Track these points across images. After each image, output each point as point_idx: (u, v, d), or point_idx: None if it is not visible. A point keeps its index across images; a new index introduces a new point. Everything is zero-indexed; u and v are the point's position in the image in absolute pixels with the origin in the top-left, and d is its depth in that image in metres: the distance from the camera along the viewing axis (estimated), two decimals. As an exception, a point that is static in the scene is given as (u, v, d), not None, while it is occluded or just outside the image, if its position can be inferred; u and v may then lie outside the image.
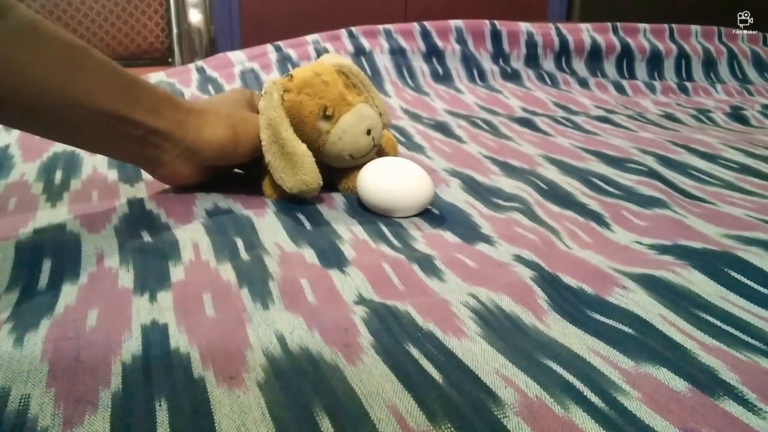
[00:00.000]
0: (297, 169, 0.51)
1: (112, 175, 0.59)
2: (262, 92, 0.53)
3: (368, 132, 0.53)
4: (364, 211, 0.52)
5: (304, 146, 0.52)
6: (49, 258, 0.41)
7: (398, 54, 1.07)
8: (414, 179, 0.51)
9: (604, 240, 0.48)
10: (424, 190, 0.51)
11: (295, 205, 0.53)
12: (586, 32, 1.20)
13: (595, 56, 1.19)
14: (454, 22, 1.13)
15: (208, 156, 0.52)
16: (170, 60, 1.56)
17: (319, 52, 1.04)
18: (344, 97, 0.53)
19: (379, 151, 0.59)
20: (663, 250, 0.44)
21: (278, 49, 1.04)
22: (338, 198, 0.55)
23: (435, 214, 0.53)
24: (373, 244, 0.46)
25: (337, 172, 0.57)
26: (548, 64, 1.16)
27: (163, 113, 0.48)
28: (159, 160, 0.51)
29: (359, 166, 0.55)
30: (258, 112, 0.54)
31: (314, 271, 0.41)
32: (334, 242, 0.46)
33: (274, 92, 0.52)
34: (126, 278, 0.39)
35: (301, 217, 0.51)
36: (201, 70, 0.98)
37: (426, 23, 1.12)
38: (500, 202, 0.55)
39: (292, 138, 0.51)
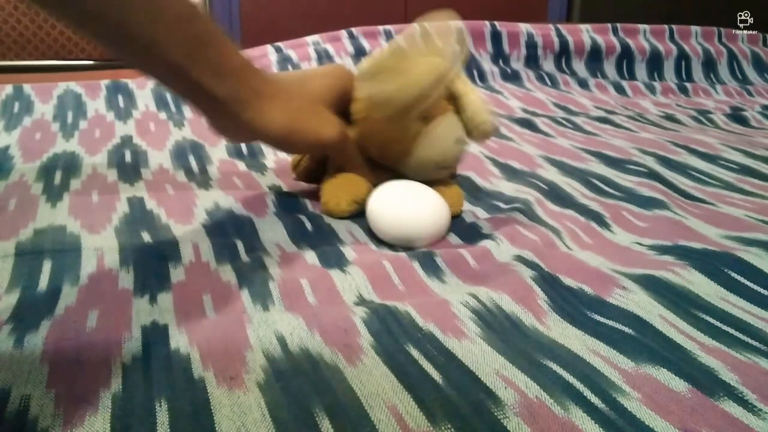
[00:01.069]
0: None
1: (112, 175, 0.59)
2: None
3: (458, 141, 0.50)
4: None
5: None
6: (49, 259, 0.41)
7: (398, 55, 1.07)
8: (434, 206, 0.47)
9: (605, 241, 0.48)
10: (445, 216, 0.47)
11: (295, 207, 0.53)
12: (586, 33, 1.20)
13: (595, 57, 1.19)
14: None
15: (259, 139, 0.49)
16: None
17: (320, 53, 1.04)
18: (439, 100, 0.49)
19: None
20: (663, 250, 0.44)
21: (278, 50, 1.04)
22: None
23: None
24: (374, 246, 0.46)
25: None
26: (548, 65, 1.16)
27: (227, 82, 0.44)
28: (214, 119, 0.48)
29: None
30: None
31: (315, 271, 0.41)
32: (335, 243, 0.46)
33: (450, 68, 0.47)
34: (126, 279, 0.39)
35: (302, 218, 0.51)
36: (201, 71, 0.98)
37: (426, 24, 1.12)
38: (500, 204, 0.55)
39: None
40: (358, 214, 0.51)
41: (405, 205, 0.46)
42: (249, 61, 0.46)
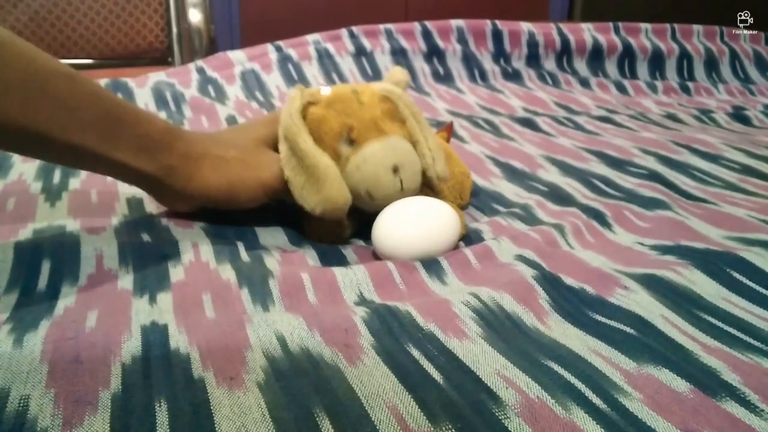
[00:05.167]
0: (320, 185, 0.44)
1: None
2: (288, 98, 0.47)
3: (395, 170, 0.44)
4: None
5: (327, 157, 0.44)
6: (48, 259, 0.41)
7: (399, 54, 1.07)
8: (446, 218, 0.44)
9: (606, 241, 0.48)
10: (457, 218, 0.45)
11: (297, 215, 0.52)
12: (587, 32, 1.20)
13: (596, 56, 1.19)
14: (455, 22, 1.13)
15: (202, 202, 0.47)
16: (170, 60, 1.56)
17: (320, 52, 1.04)
18: (377, 123, 0.45)
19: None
20: (665, 250, 0.44)
21: (279, 49, 1.04)
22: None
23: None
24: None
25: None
26: (549, 64, 1.16)
27: (150, 154, 0.43)
28: (154, 194, 0.47)
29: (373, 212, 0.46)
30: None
31: (316, 269, 0.41)
32: (337, 246, 0.46)
33: (297, 99, 0.46)
34: (125, 279, 0.39)
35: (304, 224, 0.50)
36: (201, 70, 0.98)
37: (427, 23, 1.12)
38: (501, 208, 0.55)
39: (312, 149, 0.44)
40: (360, 229, 0.49)
41: (417, 224, 0.43)
42: (169, 126, 0.44)
